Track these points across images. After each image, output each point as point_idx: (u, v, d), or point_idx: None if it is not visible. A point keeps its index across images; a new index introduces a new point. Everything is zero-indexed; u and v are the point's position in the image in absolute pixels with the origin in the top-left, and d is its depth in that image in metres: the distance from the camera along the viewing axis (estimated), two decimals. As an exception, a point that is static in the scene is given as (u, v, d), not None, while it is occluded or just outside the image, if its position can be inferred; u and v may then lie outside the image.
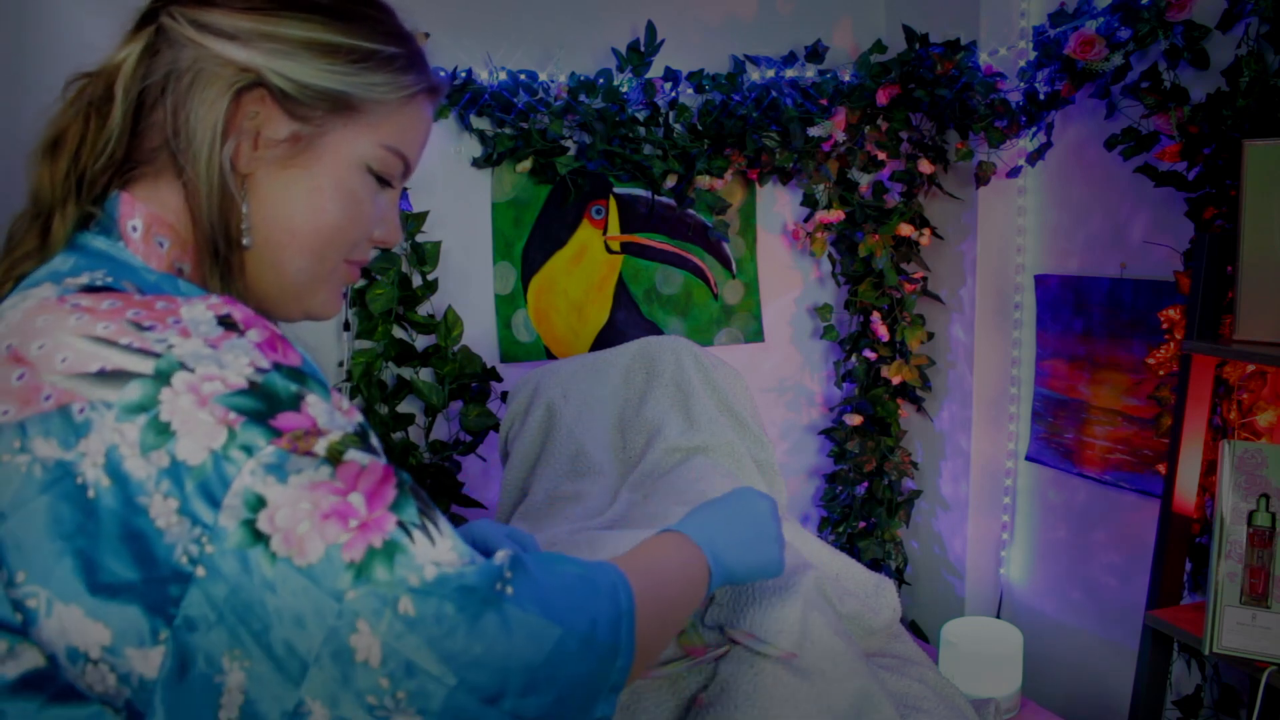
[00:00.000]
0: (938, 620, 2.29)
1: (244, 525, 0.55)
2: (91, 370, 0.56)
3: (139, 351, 0.57)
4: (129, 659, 0.55)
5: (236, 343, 0.59)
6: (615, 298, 2.20)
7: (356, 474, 0.58)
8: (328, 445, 0.58)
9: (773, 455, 1.75)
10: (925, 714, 1.31)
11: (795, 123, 2.15)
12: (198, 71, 0.68)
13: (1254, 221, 1.45)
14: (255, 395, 0.57)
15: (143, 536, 0.55)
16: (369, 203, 0.76)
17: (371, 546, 0.56)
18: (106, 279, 0.63)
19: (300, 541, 0.55)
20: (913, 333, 2.29)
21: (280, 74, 0.69)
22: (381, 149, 0.74)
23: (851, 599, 1.45)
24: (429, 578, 0.57)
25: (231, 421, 0.56)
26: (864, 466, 2.36)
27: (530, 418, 1.75)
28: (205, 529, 0.54)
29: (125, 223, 0.69)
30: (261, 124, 0.70)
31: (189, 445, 0.55)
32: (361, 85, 0.72)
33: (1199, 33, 1.67)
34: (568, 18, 2.08)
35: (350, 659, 0.55)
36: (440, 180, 2.02)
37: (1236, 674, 1.70)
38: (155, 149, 0.70)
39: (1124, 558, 2.00)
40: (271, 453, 0.56)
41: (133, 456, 0.55)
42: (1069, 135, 2.02)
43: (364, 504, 0.57)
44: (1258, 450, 1.46)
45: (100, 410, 0.55)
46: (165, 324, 0.59)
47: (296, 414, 0.58)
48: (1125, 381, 1.95)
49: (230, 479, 0.55)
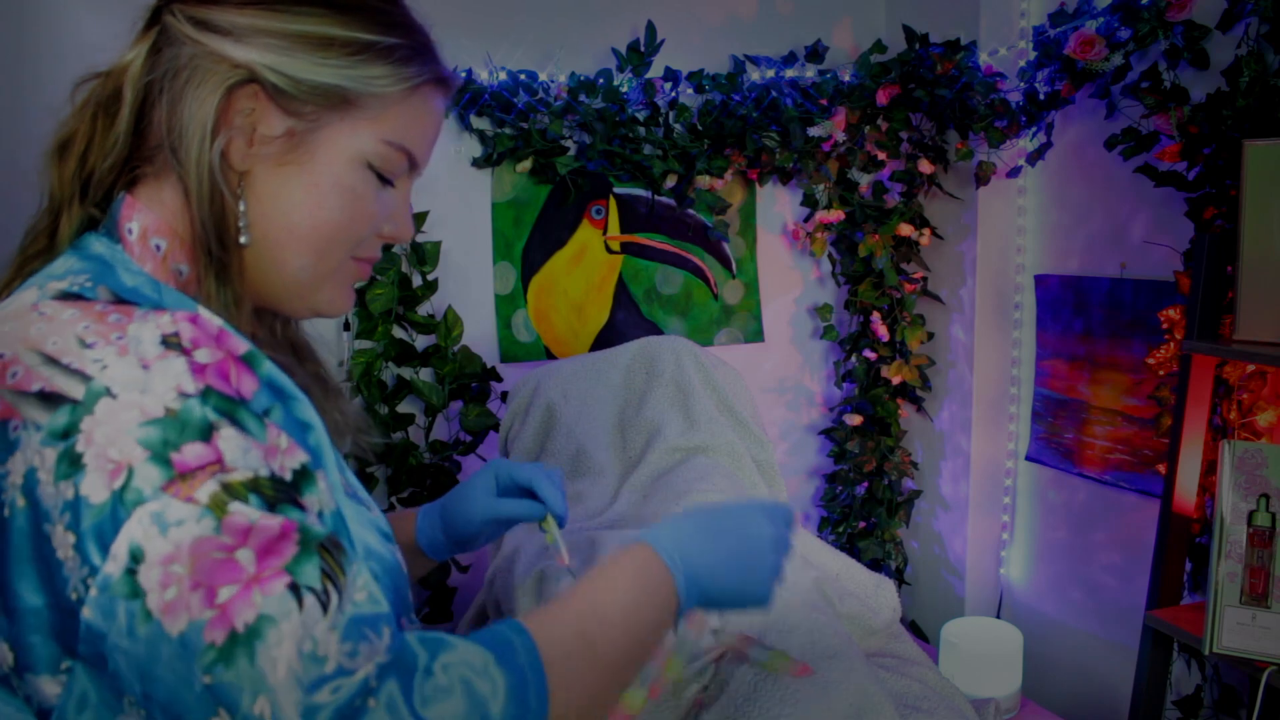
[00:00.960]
0: (938, 620, 2.29)
1: (126, 575, 0.53)
2: (32, 390, 0.56)
3: (75, 373, 0.56)
4: (30, 683, 0.55)
5: (170, 364, 0.57)
6: (615, 298, 2.20)
7: (245, 529, 0.54)
8: (216, 490, 0.54)
9: (773, 455, 1.75)
10: (925, 714, 1.31)
11: (795, 123, 2.15)
12: (194, 69, 0.67)
13: (1254, 221, 1.45)
14: (168, 424, 0.55)
15: (46, 563, 0.54)
16: (371, 199, 0.73)
17: (234, 631, 0.52)
18: (84, 284, 0.63)
19: (168, 608, 0.53)
20: (913, 333, 2.29)
21: (273, 69, 0.68)
22: (382, 144, 0.72)
23: (851, 599, 1.45)
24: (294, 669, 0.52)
25: (134, 460, 0.54)
26: (864, 466, 2.36)
27: (530, 418, 1.75)
28: (92, 571, 0.53)
29: (124, 225, 0.68)
30: (256, 121, 0.69)
31: (93, 482, 0.54)
32: (358, 79, 0.70)
33: (1199, 33, 1.67)
34: (568, 18, 2.08)
35: None
36: (440, 180, 2.02)
37: (1236, 674, 1.70)
38: (155, 148, 0.69)
39: (1124, 558, 2.00)
40: (160, 501, 0.54)
41: (47, 482, 0.54)
42: (1069, 135, 2.02)
43: (253, 560, 0.54)
44: (1258, 450, 1.46)
45: (30, 430, 0.55)
46: (107, 340, 0.58)
47: (204, 445, 0.55)
48: (1125, 381, 1.96)
49: (120, 524, 0.53)
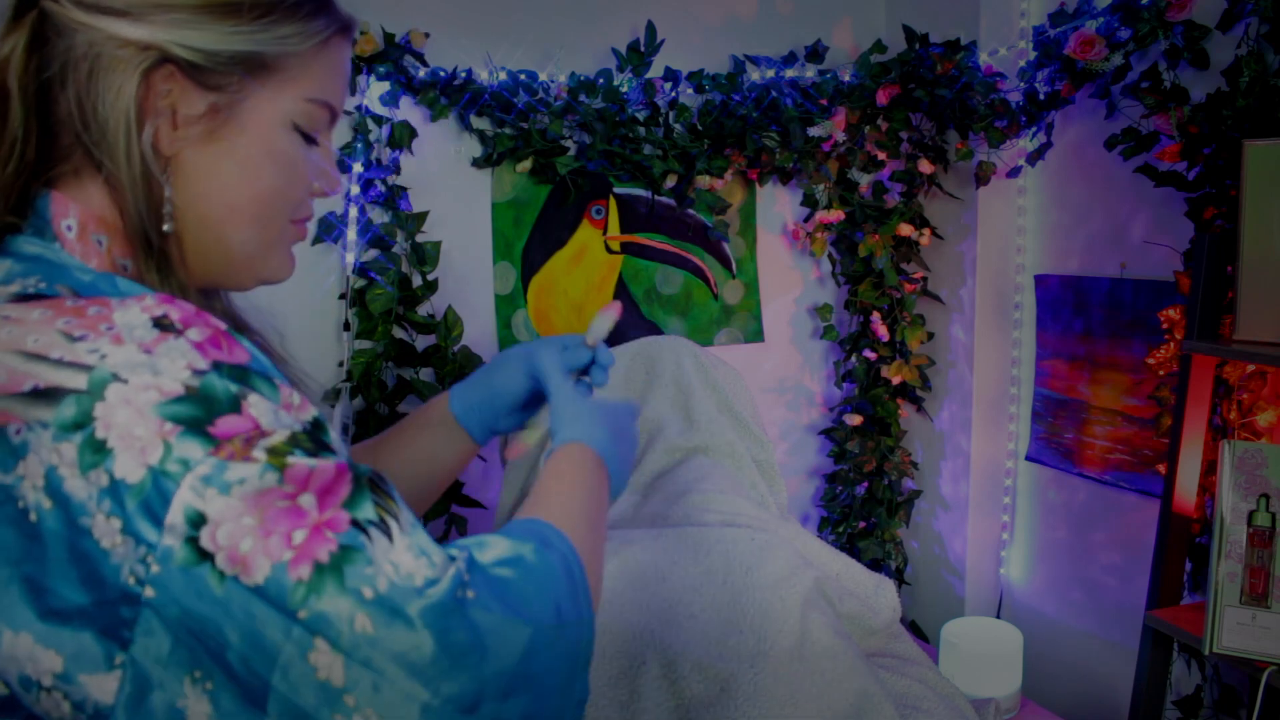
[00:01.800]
0: (938, 620, 2.29)
1: (187, 543, 0.52)
2: (25, 389, 0.54)
3: (70, 365, 0.55)
4: (83, 685, 0.53)
5: (173, 345, 0.56)
6: (615, 298, 2.20)
7: (306, 476, 0.55)
8: (270, 449, 0.55)
9: (772, 455, 1.75)
10: (925, 714, 1.31)
11: (795, 123, 2.15)
12: (95, 57, 0.63)
13: (1254, 221, 1.45)
14: (192, 401, 0.55)
15: (89, 558, 0.53)
16: (301, 160, 0.72)
17: (319, 563, 0.53)
18: (39, 285, 0.60)
19: (245, 560, 0.52)
20: (913, 333, 2.29)
21: (184, 45, 0.64)
22: (305, 103, 0.70)
23: (851, 599, 1.45)
24: (383, 590, 0.54)
25: (168, 434, 0.53)
26: (864, 466, 2.36)
27: (530, 418, 1.75)
28: (150, 548, 0.52)
29: (59, 222, 0.64)
30: (175, 101, 0.65)
31: (126, 462, 0.53)
32: (271, 41, 0.67)
33: (1199, 33, 1.67)
34: (568, 18, 2.08)
35: (312, 678, 0.52)
36: (440, 180, 2.02)
37: (1236, 674, 1.70)
38: (69, 145, 0.65)
39: (1124, 558, 2.00)
40: (210, 464, 0.53)
41: (72, 477, 0.53)
42: (1069, 135, 2.02)
43: (315, 504, 0.55)
44: (1258, 450, 1.46)
45: (37, 430, 0.53)
46: (98, 331, 0.56)
47: (237, 416, 0.55)
48: (1125, 381, 1.96)
49: (170, 495, 0.52)
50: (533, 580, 0.61)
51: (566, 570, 0.64)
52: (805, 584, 1.32)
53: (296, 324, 1.90)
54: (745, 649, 1.22)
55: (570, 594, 0.63)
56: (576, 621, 0.62)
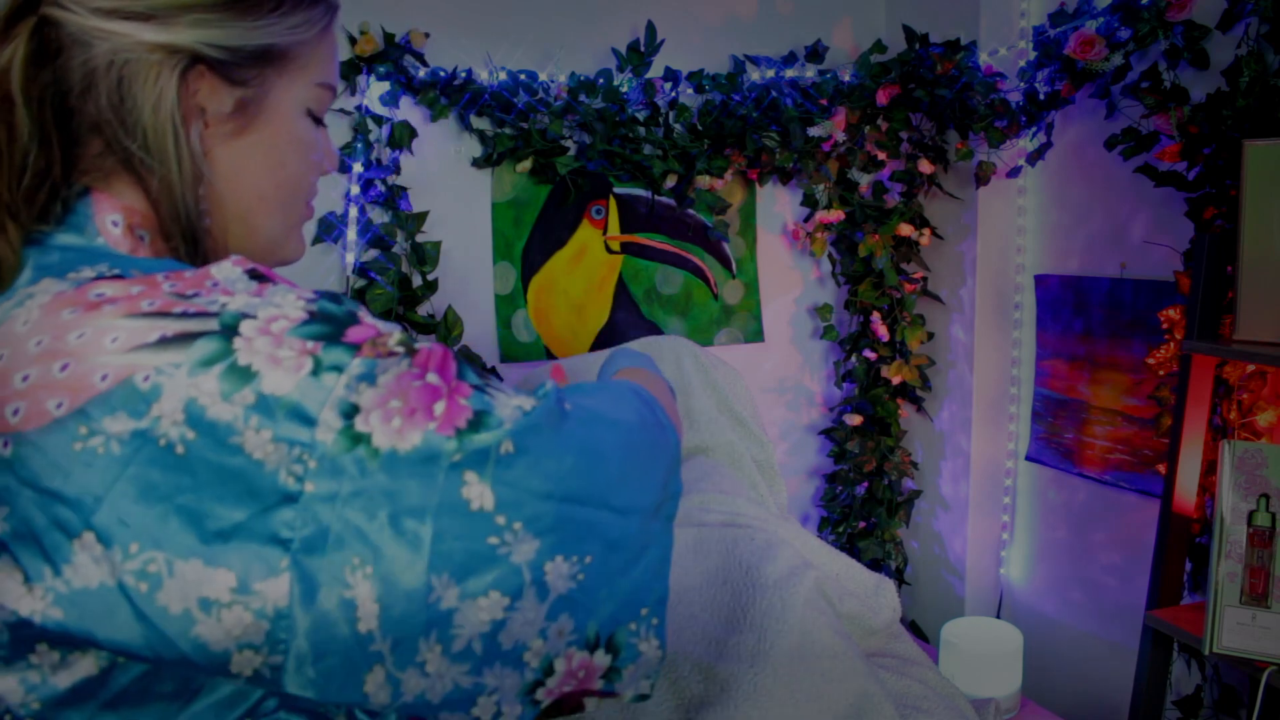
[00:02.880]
0: (938, 620, 2.29)
1: (342, 433, 0.56)
2: (151, 340, 0.56)
3: (196, 315, 0.57)
4: (259, 594, 0.56)
5: (278, 288, 0.60)
6: (615, 298, 2.20)
7: (426, 357, 0.60)
8: (399, 340, 0.60)
9: (772, 455, 1.75)
10: (925, 714, 1.31)
11: (795, 123, 2.15)
12: (123, 64, 0.63)
13: (1254, 221, 1.45)
14: (320, 322, 0.58)
15: (242, 474, 0.55)
16: (315, 144, 0.75)
17: (458, 428, 0.58)
18: (114, 270, 0.61)
19: (398, 433, 0.57)
20: (913, 333, 2.29)
21: (212, 44, 0.66)
22: (315, 88, 0.74)
23: (851, 599, 1.45)
24: (517, 419, 0.60)
25: (313, 349, 0.57)
26: (864, 466, 2.36)
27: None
28: (304, 447, 0.55)
29: (103, 219, 0.65)
30: (204, 100, 0.67)
31: (276, 379, 0.55)
32: (285, 31, 0.70)
33: (1199, 33, 1.67)
34: (568, 18, 2.08)
35: (465, 511, 0.57)
36: (440, 180, 2.02)
37: (1236, 674, 1.70)
38: (98, 155, 0.66)
39: (1124, 558, 2.00)
40: (359, 363, 0.57)
41: (214, 404, 0.55)
42: (1069, 135, 2.02)
43: (439, 379, 0.60)
44: (1258, 450, 1.46)
45: (168, 373, 0.55)
46: (207, 288, 0.59)
47: (359, 326, 0.59)
48: (1125, 381, 1.95)
49: (325, 398, 0.56)
50: (608, 396, 0.71)
51: (634, 392, 0.74)
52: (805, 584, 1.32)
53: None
54: (745, 649, 1.22)
55: (647, 407, 0.72)
56: (657, 424, 0.72)
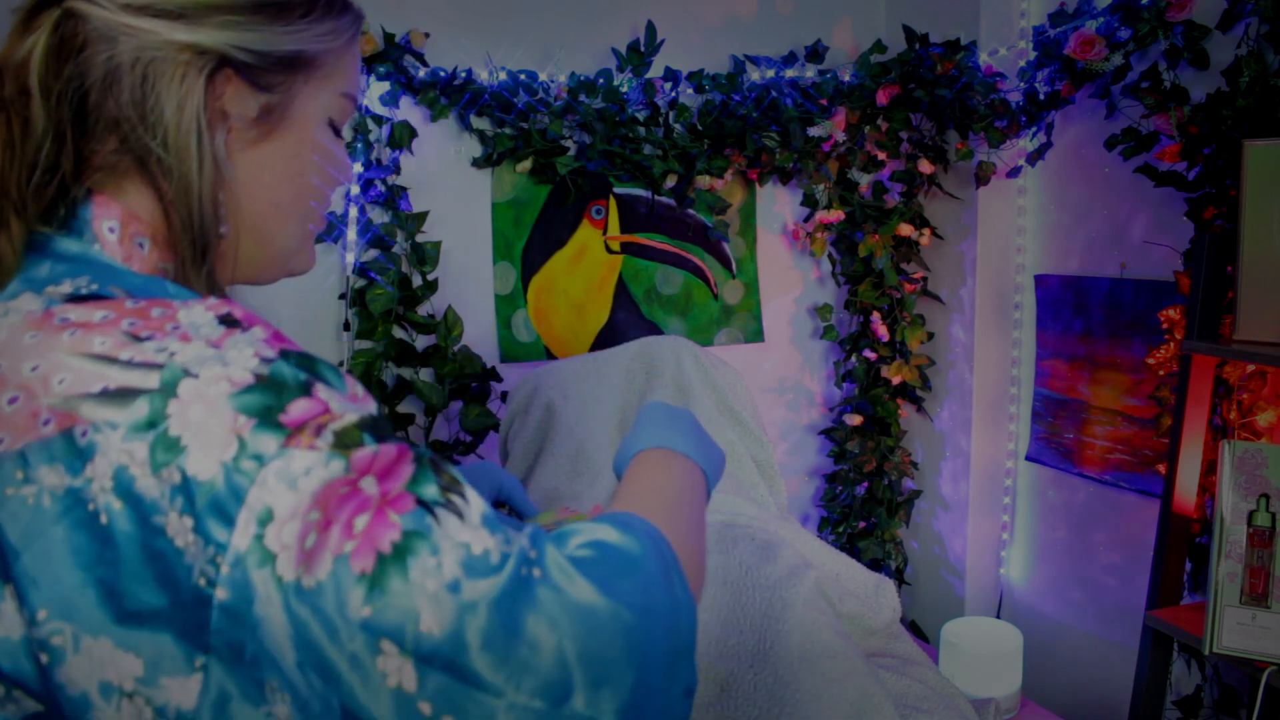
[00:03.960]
0: (938, 620, 2.29)
1: (255, 542, 0.51)
2: (94, 390, 0.53)
3: (141, 366, 0.54)
4: (165, 689, 0.52)
5: (240, 338, 0.56)
6: (615, 298, 2.20)
7: (370, 459, 0.53)
8: (338, 433, 0.53)
9: (773, 455, 1.75)
10: (925, 714, 1.31)
11: (795, 123, 2.15)
12: (149, 62, 0.61)
13: (1254, 221, 1.45)
14: (264, 389, 0.53)
15: (163, 558, 0.52)
16: (335, 154, 0.73)
17: (381, 553, 0.50)
18: (91, 286, 0.59)
19: (308, 558, 0.50)
20: (913, 333, 2.29)
21: (242, 48, 0.64)
22: (339, 98, 0.71)
23: (851, 599, 1.45)
24: (450, 578, 0.50)
25: (241, 428, 0.52)
26: (864, 466, 2.36)
27: (530, 418, 1.75)
28: (219, 548, 0.51)
29: (100, 224, 0.63)
30: (228, 104, 0.65)
31: (199, 459, 0.51)
32: (314, 39, 0.68)
33: (1199, 33, 1.67)
34: (568, 18, 2.08)
35: (382, 685, 0.50)
36: (440, 180, 2.02)
37: (1236, 674, 1.70)
38: (113, 152, 0.63)
39: (1124, 558, 2.00)
40: (283, 456, 0.52)
41: (144, 476, 0.52)
42: (1069, 135, 2.02)
43: (376, 486, 0.52)
44: (1258, 450, 1.46)
45: (105, 431, 0.52)
46: (164, 331, 0.55)
47: (308, 400, 0.54)
48: (1125, 381, 1.95)
49: (243, 492, 0.51)
50: (614, 557, 0.56)
51: (655, 548, 0.58)
52: (805, 584, 1.32)
53: (296, 324, 1.91)
54: (745, 649, 1.22)
55: (662, 573, 0.57)
56: (670, 603, 0.56)
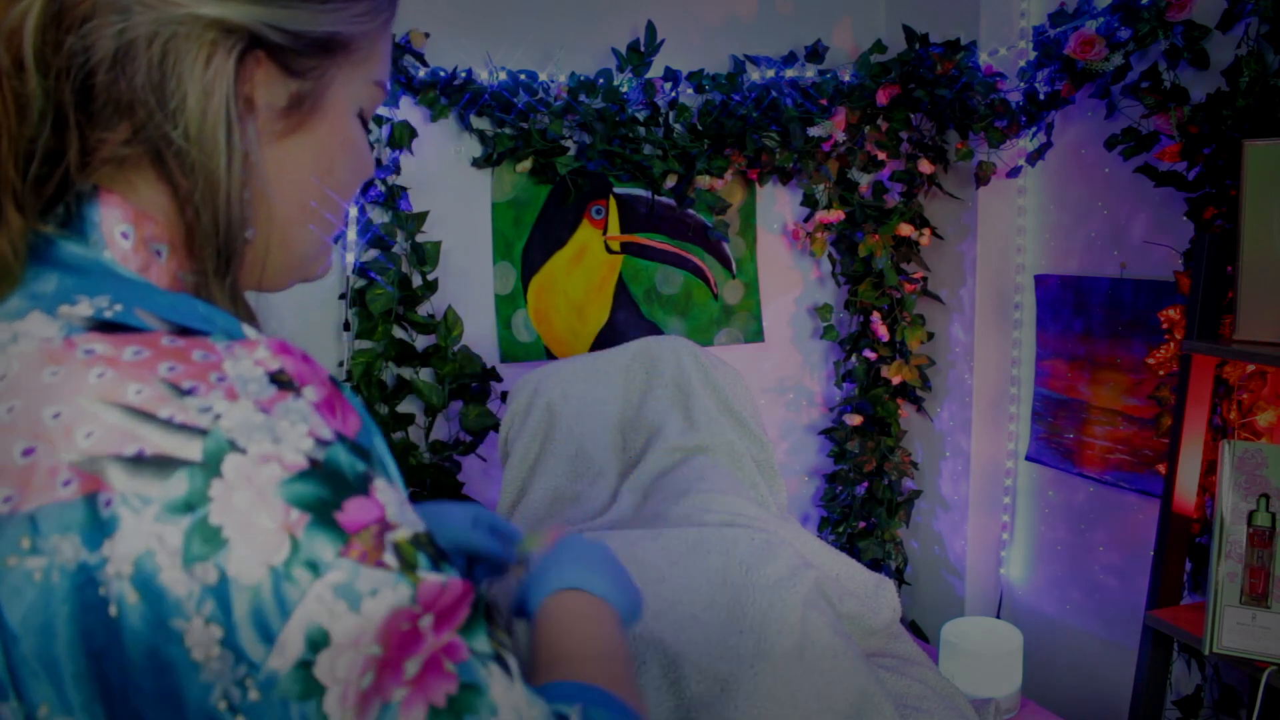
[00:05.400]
0: (938, 620, 2.29)
1: (299, 669, 0.44)
2: (127, 454, 0.45)
3: (182, 428, 0.45)
4: None
5: (292, 405, 0.48)
6: (615, 298, 2.20)
7: (437, 593, 0.47)
8: (402, 552, 0.47)
9: (772, 455, 1.75)
10: (925, 714, 1.31)
11: (795, 123, 2.15)
12: (169, 38, 0.52)
13: (1254, 221, 1.45)
14: (319, 478, 0.46)
15: (172, 670, 0.44)
16: (364, 148, 0.65)
17: (434, 706, 0.46)
18: (115, 308, 0.50)
19: (362, 700, 0.45)
20: (913, 333, 2.29)
21: (275, 28, 0.55)
22: (372, 86, 0.64)
23: (851, 599, 1.45)
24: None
25: (294, 525, 0.45)
26: (864, 466, 2.36)
27: (530, 418, 1.75)
28: (251, 669, 0.44)
29: (111, 227, 0.54)
30: (255, 91, 0.56)
31: (243, 558, 0.44)
32: (350, 19, 0.60)
33: (1199, 33, 1.67)
34: (568, 18, 2.08)
35: None
36: (440, 180, 2.02)
37: (1236, 674, 1.70)
38: (124, 143, 0.54)
39: (1124, 558, 2.00)
40: (343, 569, 0.45)
41: (172, 568, 0.44)
42: (1069, 135, 2.02)
43: (432, 627, 0.47)
44: (1258, 450, 1.46)
45: (134, 505, 0.44)
46: (209, 383, 0.47)
47: (365, 500, 0.47)
48: (1125, 381, 1.96)
49: (291, 606, 0.44)
50: None
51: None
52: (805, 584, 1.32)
53: (296, 324, 1.91)
54: (745, 649, 1.22)
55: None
56: None
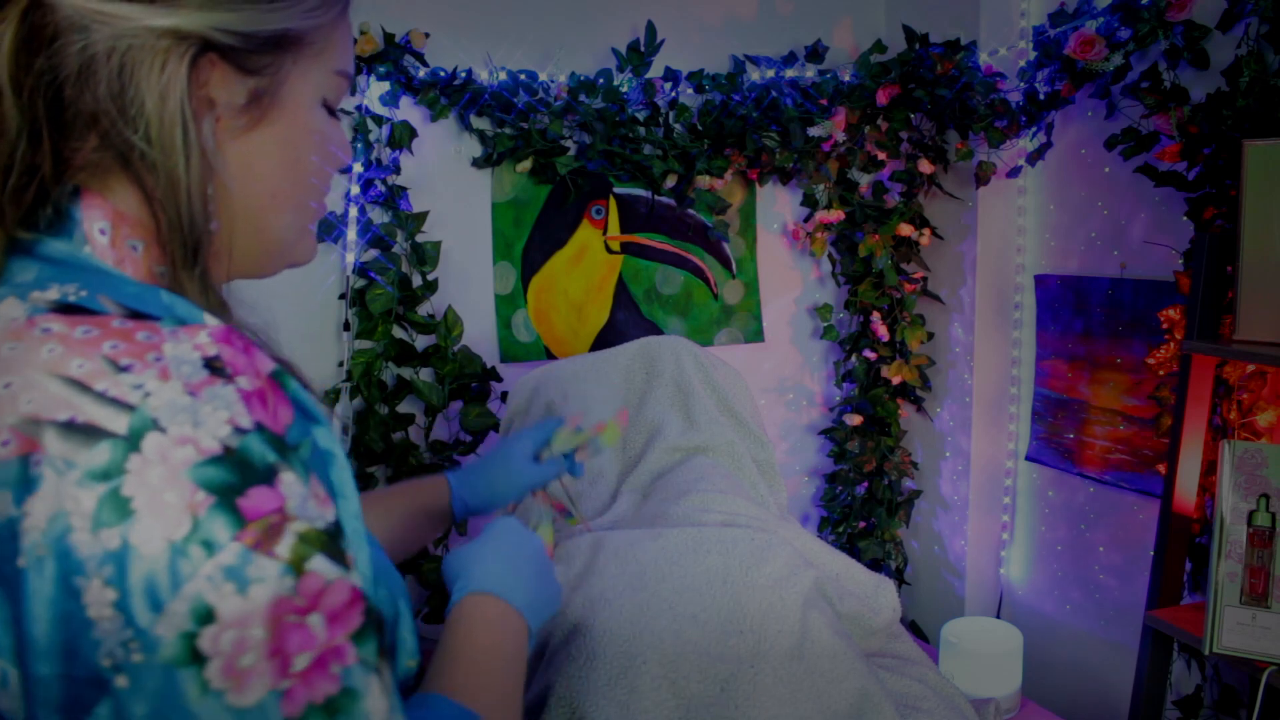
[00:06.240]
0: (938, 620, 2.29)
1: (183, 638, 0.47)
2: (60, 419, 0.49)
3: (112, 401, 0.50)
4: None
5: (219, 391, 0.52)
6: (615, 298, 2.20)
7: (320, 590, 0.51)
8: (294, 543, 0.51)
9: (773, 455, 1.75)
10: (925, 714, 1.31)
11: (795, 123, 2.15)
12: (126, 50, 0.56)
13: (1254, 221, 1.45)
14: (228, 463, 0.50)
15: (68, 623, 0.48)
16: (330, 136, 0.68)
17: (313, 704, 0.49)
18: (80, 294, 0.55)
19: (241, 676, 0.48)
20: (913, 333, 2.29)
21: (225, 30, 0.58)
22: (333, 76, 0.67)
23: (851, 599, 1.45)
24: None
25: (198, 505, 0.49)
26: (864, 466, 2.36)
27: (530, 418, 1.75)
28: (138, 633, 0.47)
29: (91, 225, 0.58)
30: (214, 91, 0.60)
31: (147, 530, 0.48)
32: (301, 14, 0.63)
33: (1199, 33, 1.67)
34: (568, 18, 2.08)
35: None
36: (440, 180, 2.02)
37: (1236, 674, 1.70)
38: (95, 150, 0.58)
39: (1124, 558, 2.00)
40: (234, 552, 0.49)
41: (83, 529, 0.48)
42: (1069, 135, 2.02)
43: (324, 627, 0.51)
44: (1258, 450, 1.46)
45: (58, 468, 0.48)
46: (145, 362, 0.51)
47: (269, 490, 0.51)
48: (1125, 381, 1.95)
49: (183, 580, 0.48)
50: None
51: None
52: (805, 584, 1.32)
53: (296, 324, 1.91)
54: (745, 649, 1.22)
55: None
56: None
